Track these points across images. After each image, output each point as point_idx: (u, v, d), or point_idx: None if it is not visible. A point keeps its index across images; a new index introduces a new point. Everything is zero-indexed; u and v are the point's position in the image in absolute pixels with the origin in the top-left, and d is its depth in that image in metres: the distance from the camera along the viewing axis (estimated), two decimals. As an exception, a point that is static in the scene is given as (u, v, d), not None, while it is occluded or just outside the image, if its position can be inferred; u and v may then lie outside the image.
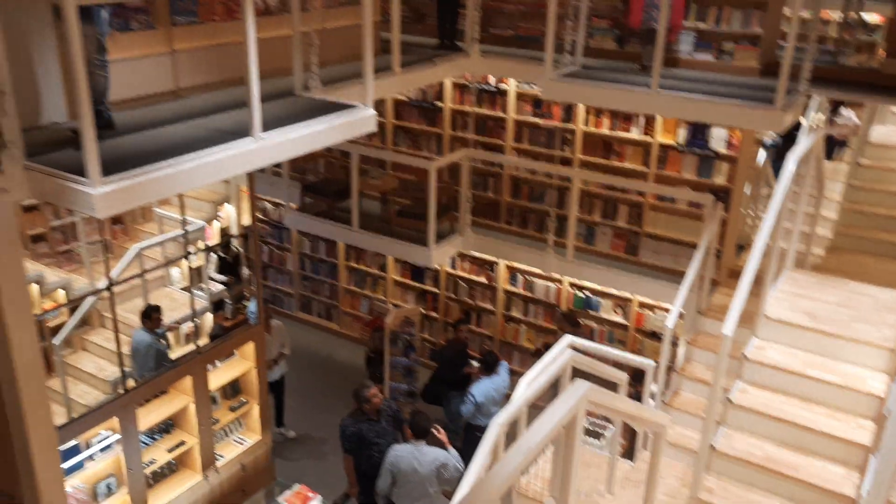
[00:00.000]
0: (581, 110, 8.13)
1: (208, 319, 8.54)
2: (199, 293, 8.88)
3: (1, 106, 3.93)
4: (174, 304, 8.79)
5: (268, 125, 4.74)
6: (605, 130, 8.07)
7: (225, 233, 9.36)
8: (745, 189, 7.47)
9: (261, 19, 6.22)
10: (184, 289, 9.63)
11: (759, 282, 4.96)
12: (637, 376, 6.38)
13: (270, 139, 4.79)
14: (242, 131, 4.71)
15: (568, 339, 5.99)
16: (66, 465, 5.51)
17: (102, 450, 5.78)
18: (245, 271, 10.35)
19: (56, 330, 6.51)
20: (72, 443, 5.52)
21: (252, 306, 8.18)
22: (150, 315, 6.66)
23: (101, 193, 3.87)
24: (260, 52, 4.68)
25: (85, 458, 5.70)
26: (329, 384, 9.66)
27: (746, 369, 5.20)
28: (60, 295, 6.49)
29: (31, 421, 4.61)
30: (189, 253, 7.20)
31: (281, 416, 8.68)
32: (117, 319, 6.20)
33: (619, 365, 6.09)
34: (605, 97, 6.51)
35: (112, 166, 3.92)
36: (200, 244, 8.23)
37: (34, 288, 6.24)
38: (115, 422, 5.72)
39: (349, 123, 5.39)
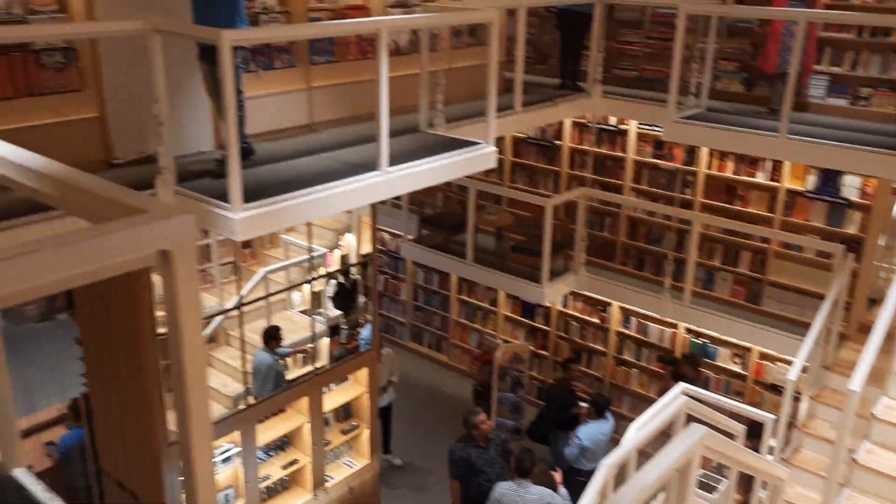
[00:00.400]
0: (704, 153, 7.99)
1: (325, 343, 8.87)
2: (318, 317, 9.24)
3: (159, 136, 4.32)
4: (293, 326, 9.18)
5: (394, 159, 4.96)
6: (728, 174, 7.88)
7: (345, 261, 9.71)
8: (880, 240, 7.09)
9: (391, 59, 6.54)
10: (303, 312, 10.06)
11: (891, 338, 4.71)
12: (754, 430, 6.12)
13: (396, 173, 5.01)
14: (371, 165, 4.95)
15: (682, 385, 5.84)
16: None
17: (223, 461, 6.10)
18: (361, 299, 10.70)
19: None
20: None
21: (365, 333, 8.43)
22: (273, 337, 7.00)
23: (242, 218, 4.17)
24: (389, 89, 4.93)
25: (207, 466, 6.03)
26: (436, 415, 9.77)
27: (875, 429, 4.91)
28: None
29: (194, 430, 4.97)
30: (312, 278, 7.54)
31: (388, 443, 8.84)
32: (244, 339, 6.58)
33: (735, 416, 5.87)
34: (730, 141, 6.40)
35: (251, 194, 4.22)
36: (321, 270, 8.58)
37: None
38: (236, 435, 6.03)
39: (471, 160, 5.56)
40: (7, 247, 1.10)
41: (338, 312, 10.07)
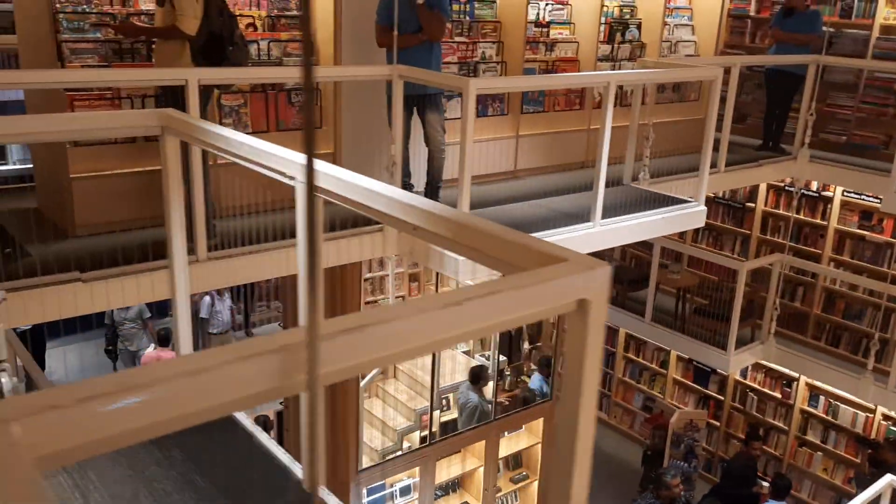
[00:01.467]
0: (920, 227, 7.40)
1: (489, 387, 8.87)
2: (482, 360, 9.26)
3: (390, 174, 4.53)
4: (456, 366, 9.24)
5: (603, 211, 4.93)
6: (948, 251, 7.25)
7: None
8: None
9: (596, 112, 6.55)
10: (466, 352, 10.10)
11: None
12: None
13: (608, 225, 4.97)
14: (581, 215, 4.94)
15: (889, 477, 5.34)
16: (371, 498, 5.97)
17: (402, 493, 6.18)
18: (525, 345, 10.63)
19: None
20: (379, 482, 5.99)
21: (535, 382, 8.35)
22: (480, 376, 7.09)
23: (464, 259, 4.26)
24: (591, 141, 4.94)
25: (387, 497, 6.13)
26: (594, 473, 9.46)
27: None
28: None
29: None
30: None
31: (546, 497, 8.67)
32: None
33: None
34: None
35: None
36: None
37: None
38: (415, 471, 6.10)
39: (680, 217, 5.43)
40: (438, 298, 1.14)
41: (502, 358, 10.03)
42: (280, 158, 2.02)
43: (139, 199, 4.27)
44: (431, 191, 4.99)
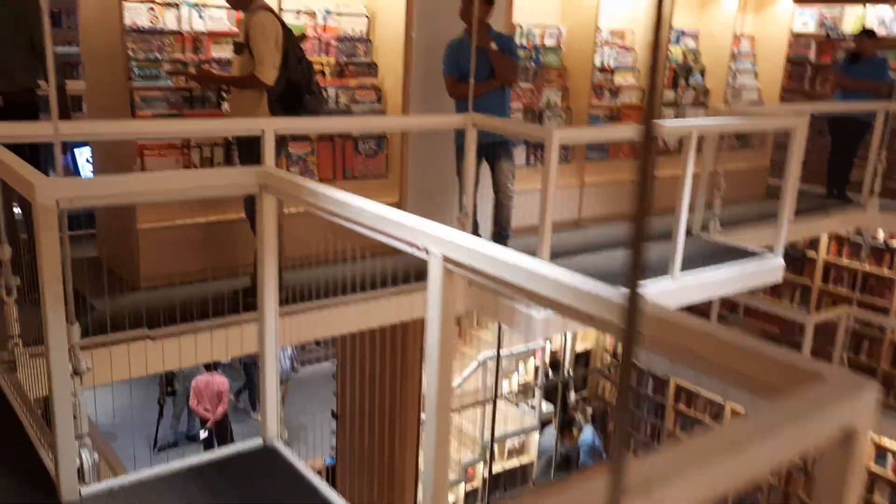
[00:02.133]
0: None
1: (534, 438, 8.60)
2: (528, 410, 9.00)
3: (461, 225, 4.35)
4: (500, 416, 8.97)
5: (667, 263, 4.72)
6: None
7: (555, 355, 9.46)
8: None
9: (663, 159, 6.37)
10: (510, 401, 9.82)
11: None
12: None
13: (686, 280, 4.74)
14: (655, 268, 4.72)
15: None
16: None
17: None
18: (572, 396, 10.34)
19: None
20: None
21: (586, 435, 8.08)
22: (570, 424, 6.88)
23: (542, 318, 4.06)
24: (656, 189, 4.73)
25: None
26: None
27: None
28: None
29: None
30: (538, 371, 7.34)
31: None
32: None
33: None
34: None
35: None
36: (531, 362, 8.43)
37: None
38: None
39: (757, 272, 5.19)
40: (711, 443, 0.92)
41: (549, 409, 9.76)
42: (410, 229, 1.84)
43: (204, 250, 4.13)
44: (499, 240, 4.82)
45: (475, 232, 4.70)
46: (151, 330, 3.50)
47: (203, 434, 8.14)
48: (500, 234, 4.83)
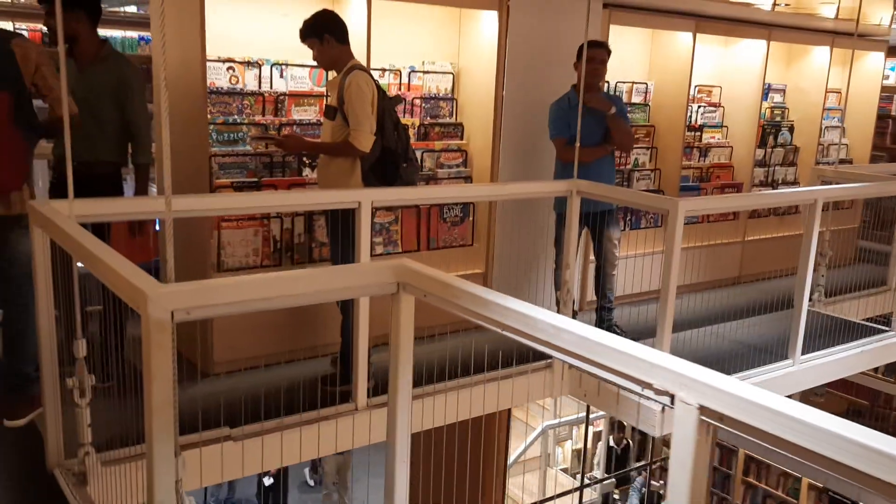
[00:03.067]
0: None
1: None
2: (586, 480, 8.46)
3: (563, 302, 3.93)
4: (555, 486, 8.43)
5: (780, 343, 4.27)
6: None
7: (613, 420, 8.97)
8: None
9: (751, 222, 5.93)
10: (564, 470, 9.26)
11: None
12: None
13: (808, 363, 4.26)
14: (770, 348, 4.27)
15: None
16: None
17: None
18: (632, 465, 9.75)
19: None
20: None
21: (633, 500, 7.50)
22: None
23: (660, 410, 3.60)
24: (745, 254, 4.35)
25: None
26: None
27: None
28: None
29: None
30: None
31: None
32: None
33: None
34: None
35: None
36: (589, 429, 7.98)
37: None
38: None
39: (877, 350, 4.70)
40: None
41: (609, 480, 9.23)
42: (644, 363, 1.41)
43: (277, 332, 3.74)
44: (605, 312, 4.42)
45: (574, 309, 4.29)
46: (233, 430, 3.08)
47: (268, 481, 8.32)
48: (606, 307, 4.43)
